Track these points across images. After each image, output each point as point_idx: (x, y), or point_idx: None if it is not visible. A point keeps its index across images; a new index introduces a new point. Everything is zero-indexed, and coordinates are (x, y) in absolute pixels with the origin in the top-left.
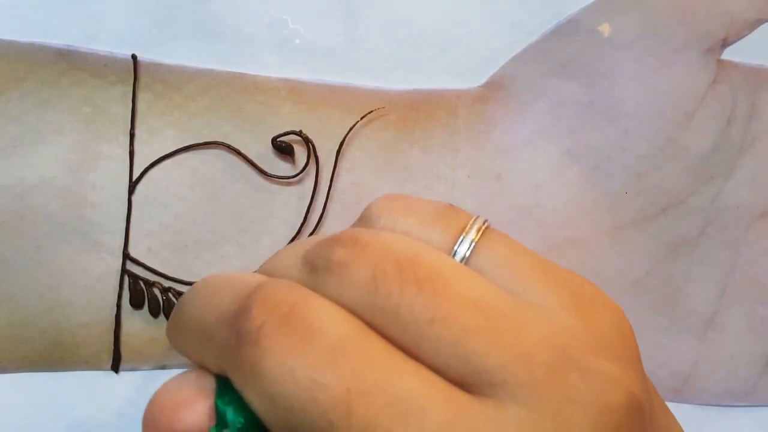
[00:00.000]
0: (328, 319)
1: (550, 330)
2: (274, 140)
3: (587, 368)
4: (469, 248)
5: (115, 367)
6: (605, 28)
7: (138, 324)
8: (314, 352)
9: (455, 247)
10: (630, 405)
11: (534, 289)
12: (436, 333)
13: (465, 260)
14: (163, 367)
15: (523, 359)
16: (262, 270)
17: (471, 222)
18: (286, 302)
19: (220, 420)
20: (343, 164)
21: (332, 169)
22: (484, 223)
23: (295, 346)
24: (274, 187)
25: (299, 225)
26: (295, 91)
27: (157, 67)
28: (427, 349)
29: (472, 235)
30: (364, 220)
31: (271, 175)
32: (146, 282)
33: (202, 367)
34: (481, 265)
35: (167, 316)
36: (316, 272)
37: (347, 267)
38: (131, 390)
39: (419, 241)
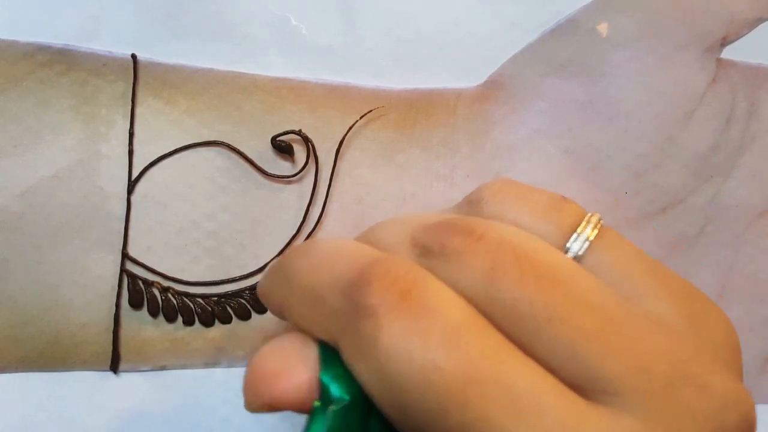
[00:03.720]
0: (448, 301)
1: (668, 342)
2: (273, 139)
3: (705, 385)
4: (582, 246)
5: (114, 368)
6: (604, 28)
7: (137, 324)
8: (433, 334)
9: (568, 244)
10: (744, 426)
11: (650, 296)
12: (554, 333)
13: (578, 258)
14: (163, 368)
15: (641, 370)
16: (365, 240)
17: (586, 218)
18: (406, 279)
19: (324, 394)
20: (343, 163)
21: (332, 168)
22: (599, 221)
23: (414, 326)
24: (274, 187)
25: (299, 224)
26: (295, 90)
27: (157, 67)
28: (542, 347)
29: (587, 232)
30: (472, 204)
31: (270, 175)
32: (145, 282)
33: (302, 330)
34: (594, 266)
35: (166, 316)
36: (430, 256)
37: (463, 255)
38: (130, 390)
39: (534, 236)
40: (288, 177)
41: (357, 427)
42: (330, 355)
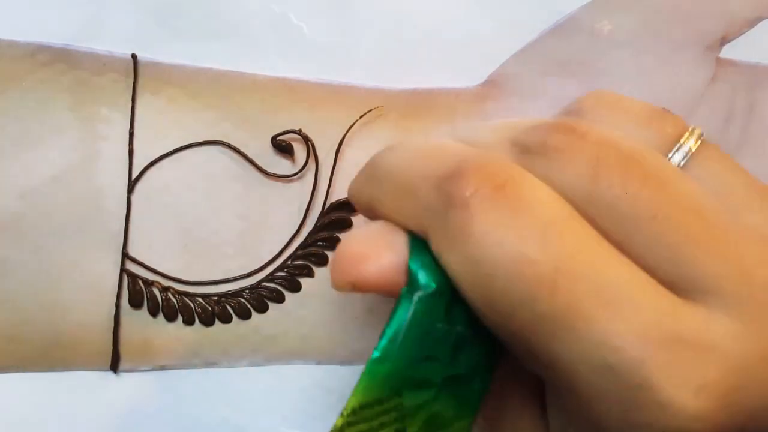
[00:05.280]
0: (543, 197)
1: None
2: (273, 139)
3: None
4: (684, 158)
5: (114, 367)
6: (603, 27)
7: (137, 324)
8: (526, 227)
9: (670, 154)
10: None
11: (752, 209)
12: (656, 231)
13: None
14: (163, 368)
15: (743, 274)
16: (461, 140)
17: (689, 130)
18: (501, 174)
19: (411, 282)
20: (343, 163)
21: (331, 167)
22: (701, 134)
23: (507, 218)
24: (274, 186)
25: (299, 223)
26: (295, 90)
27: (157, 66)
28: (641, 245)
29: (690, 144)
30: (572, 114)
31: (270, 174)
32: (145, 281)
33: (393, 222)
34: (695, 177)
35: (166, 316)
36: (529, 154)
37: (565, 153)
38: (130, 390)
39: (638, 140)
40: (288, 176)
41: (441, 316)
42: (419, 245)
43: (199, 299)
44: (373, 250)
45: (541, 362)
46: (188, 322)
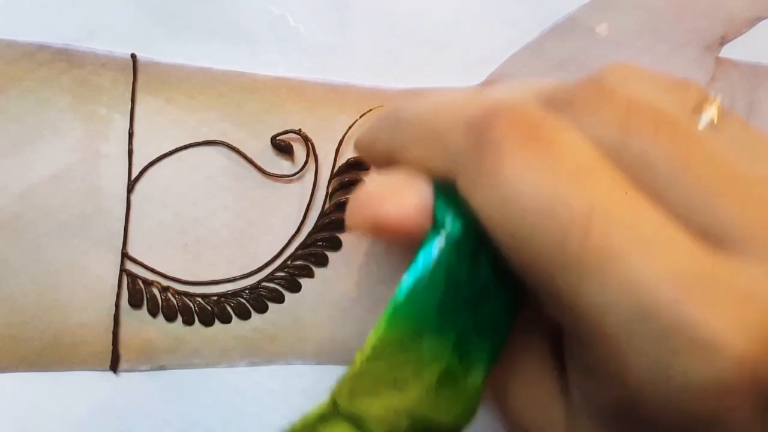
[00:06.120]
0: (576, 141)
1: None
2: (273, 139)
3: None
4: (707, 125)
5: (114, 367)
6: (603, 29)
7: (137, 324)
8: (558, 169)
9: None
10: None
11: None
12: (688, 182)
13: None
14: (162, 367)
15: None
16: (488, 96)
17: (711, 99)
18: (534, 119)
19: (437, 224)
20: (342, 163)
21: (331, 167)
22: (722, 104)
23: (540, 160)
24: (274, 186)
25: (299, 223)
26: (295, 89)
27: (156, 66)
28: (674, 195)
29: (711, 112)
30: (593, 81)
31: (270, 174)
32: (145, 281)
33: (417, 169)
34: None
35: (166, 316)
36: (558, 107)
37: (595, 105)
38: (130, 390)
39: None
40: (288, 176)
41: (465, 261)
42: (444, 192)
43: (199, 299)
44: (396, 191)
45: (567, 308)
46: (188, 322)
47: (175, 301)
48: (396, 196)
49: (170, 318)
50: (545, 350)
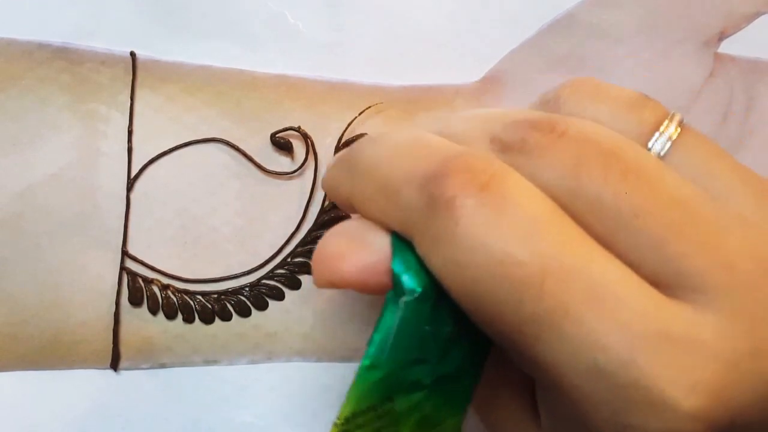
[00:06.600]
0: (528, 194)
1: (754, 239)
2: (272, 136)
3: None
4: (665, 146)
5: (115, 366)
6: (602, 22)
7: (137, 322)
8: (511, 226)
9: (650, 143)
10: None
11: (735, 195)
12: (639, 226)
13: (661, 158)
14: (163, 365)
15: (727, 266)
16: (439, 132)
17: (669, 117)
18: (485, 173)
19: (396, 285)
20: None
21: None
22: (681, 120)
23: (492, 217)
24: (273, 183)
25: (298, 221)
26: (294, 87)
27: (156, 64)
28: (626, 242)
29: (671, 131)
30: (550, 104)
31: (270, 171)
32: (145, 279)
33: (372, 221)
34: (677, 165)
35: (166, 314)
36: (509, 152)
37: (545, 150)
38: (130, 388)
39: (617, 133)
40: (287, 173)
41: (428, 317)
42: (402, 245)
43: (199, 297)
44: (351, 248)
45: (529, 363)
46: (188, 320)
47: (175, 299)
48: (351, 255)
49: (170, 316)
50: (519, 385)
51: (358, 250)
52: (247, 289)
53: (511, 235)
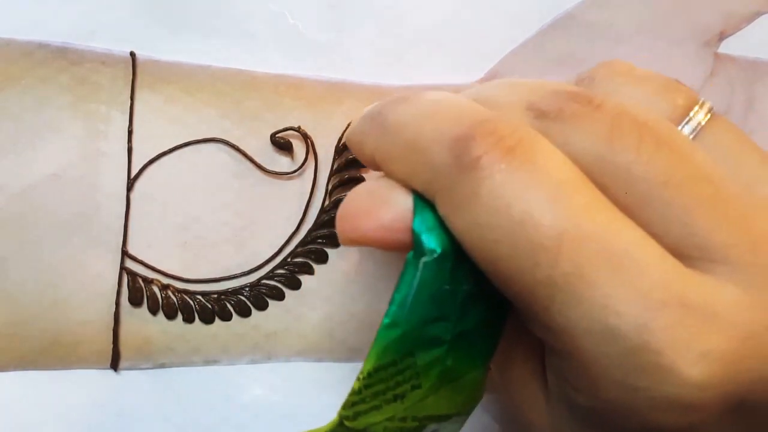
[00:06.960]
0: (553, 160)
1: None
2: (272, 136)
3: None
4: (695, 129)
5: (115, 366)
6: (602, 22)
7: (137, 322)
8: (535, 189)
9: (681, 125)
10: None
11: (762, 181)
12: (667, 197)
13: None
14: (163, 365)
15: (752, 245)
16: (474, 97)
17: (700, 103)
18: (513, 136)
19: (416, 244)
20: (342, 160)
21: (331, 164)
22: (711, 107)
23: (516, 180)
24: (274, 183)
25: (298, 221)
26: (294, 87)
27: (156, 64)
28: (652, 211)
29: (700, 116)
30: (584, 83)
31: (270, 171)
32: (145, 279)
33: (396, 180)
34: (706, 148)
35: (166, 314)
36: (544, 119)
37: (582, 119)
38: (130, 388)
39: (652, 110)
40: (287, 173)
41: (447, 277)
42: (424, 206)
43: (199, 297)
44: (373, 206)
45: (541, 325)
46: (188, 320)
47: (175, 299)
48: (374, 213)
49: (170, 316)
50: (532, 348)
51: (379, 208)
52: (247, 289)
53: (534, 198)
